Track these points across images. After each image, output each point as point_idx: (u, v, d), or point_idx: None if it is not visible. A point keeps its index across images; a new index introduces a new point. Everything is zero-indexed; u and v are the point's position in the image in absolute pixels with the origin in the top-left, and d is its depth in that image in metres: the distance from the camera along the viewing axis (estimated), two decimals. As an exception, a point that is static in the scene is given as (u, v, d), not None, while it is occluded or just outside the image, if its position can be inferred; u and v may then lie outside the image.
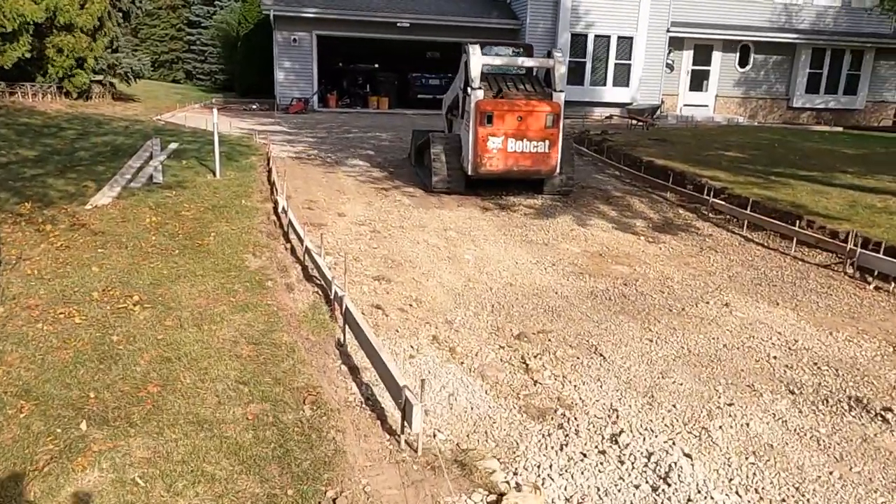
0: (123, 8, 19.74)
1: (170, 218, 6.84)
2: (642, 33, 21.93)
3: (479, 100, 9.36)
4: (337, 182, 10.61)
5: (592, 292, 6.46)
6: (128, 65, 19.93)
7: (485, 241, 8.02)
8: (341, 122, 19.09)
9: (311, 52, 21.78)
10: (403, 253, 7.30)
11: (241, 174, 9.46)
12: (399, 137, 16.29)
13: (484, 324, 5.54)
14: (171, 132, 13.88)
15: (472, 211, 9.37)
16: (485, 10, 22.73)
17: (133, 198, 7.63)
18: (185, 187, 8.38)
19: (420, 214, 8.97)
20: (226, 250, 5.87)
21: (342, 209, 8.86)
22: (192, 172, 9.32)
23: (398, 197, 9.86)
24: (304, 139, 15.05)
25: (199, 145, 12.10)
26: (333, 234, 7.70)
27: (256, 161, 10.84)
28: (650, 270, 7.24)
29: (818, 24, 24.19)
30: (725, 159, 13.13)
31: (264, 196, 8.59)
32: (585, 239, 8.34)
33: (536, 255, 7.58)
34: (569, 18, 21.38)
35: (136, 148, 11.26)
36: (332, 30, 21.63)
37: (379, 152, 13.96)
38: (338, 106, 23.02)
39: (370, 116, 21.48)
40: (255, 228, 6.68)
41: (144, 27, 42.43)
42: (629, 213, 9.71)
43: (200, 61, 41.17)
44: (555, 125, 9.53)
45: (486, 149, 9.40)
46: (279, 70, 21.83)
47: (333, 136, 16.06)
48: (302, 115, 20.57)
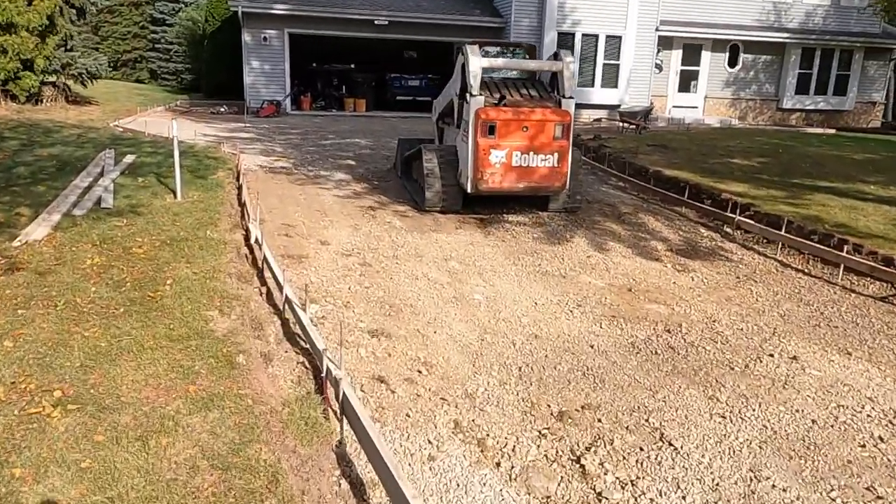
0: (77, 4, 18.19)
1: (117, 258, 5.58)
2: (631, 32, 21.03)
3: (479, 107, 8.23)
4: (317, 200, 9.39)
5: (633, 344, 5.38)
6: (83, 65, 18.38)
7: (493, 273, 6.90)
8: (316, 127, 17.81)
9: (283, 51, 20.45)
10: (401, 293, 6.14)
11: (207, 194, 8.20)
12: (380, 144, 15.10)
13: (513, 396, 4.42)
14: (129, 141, 12.51)
15: (473, 234, 8.24)
16: (466, 8, 21.62)
17: (74, 229, 6.34)
18: (140, 213, 7.10)
19: (415, 240, 7.82)
20: (185, 306, 4.65)
21: (325, 235, 7.67)
22: (148, 193, 8.04)
23: (387, 217, 8.69)
24: (277, 147, 13.77)
25: (160, 158, 10.77)
26: (317, 270, 6.51)
27: (224, 177, 9.56)
28: (691, 310, 6.19)
29: (807, 23, 23.56)
30: (735, 168, 12.20)
31: (233, 222, 7.36)
32: (607, 268, 7.27)
33: (556, 291, 6.49)
34: (555, 16, 20.37)
35: (86, 161, 9.91)
36: (306, 28, 20.32)
37: (360, 162, 12.76)
38: (312, 109, 21.72)
39: (347, 120, 20.22)
40: (222, 270, 5.46)
41: (105, 24, 40.50)
42: (646, 234, 8.67)
43: (165, 60, 39.37)
44: (564, 136, 8.45)
45: (488, 163, 8.28)
46: (249, 71, 20.45)
47: (309, 142, 14.80)
48: (274, 119, 19.24)
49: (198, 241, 6.18)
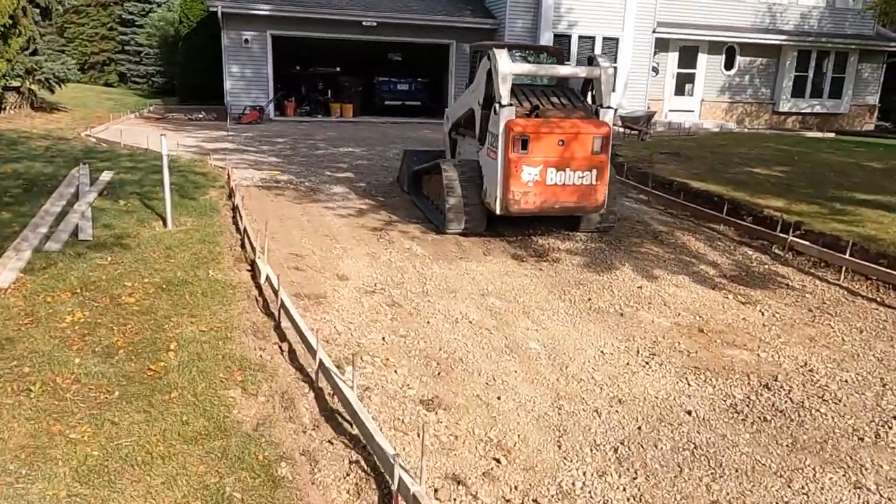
0: (42, 4, 16.88)
1: (104, 311, 4.55)
2: (629, 34, 20.34)
3: (510, 119, 7.32)
4: (322, 221, 8.40)
5: (734, 407, 4.51)
6: (50, 70, 17.06)
7: (541, 312, 5.99)
8: (304, 134, 16.75)
9: (266, 54, 19.35)
10: (444, 342, 5.20)
11: (201, 220, 7.17)
12: (376, 153, 14.12)
13: (621, 494, 3.51)
14: (104, 154, 11.35)
15: (504, 262, 7.32)
16: (456, 9, 20.73)
17: (49, 271, 5.28)
18: (126, 246, 6.05)
19: (443, 271, 6.87)
20: (197, 383, 3.66)
21: (341, 268, 6.68)
22: (133, 220, 6.98)
23: (405, 242, 7.73)
24: (267, 159, 12.70)
25: (141, 173, 9.67)
26: (340, 314, 5.53)
27: (217, 197, 8.52)
28: (779, 356, 5.35)
29: (803, 25, 23.14)
30: (761, 179, 11.47)
31: (236, 255, 6.33)
32: (664, 302, 6.40)
33: (619, 334, 5.60)
34: (551, 17, 19.58)
35: (57, 180, 8.78)
36: (290, 29, 19.25)
37: (359, 174, 11.77)
38: (296, 114, 20.63)
39: (334, 126, 19.18)
40: (235, 326, 4.47)
41: (71, 26, 38.78)
42: (692, 258, 7.84)
43: (136, 63, 37.83)
44: (603, 150, 7.58)
45: (520, 181, 7.37)
46: (229, 75, 19.30)
47: (300, 152, 13.75)
48: (258, 127, 18.11)
49: (200, 285, 5.16)
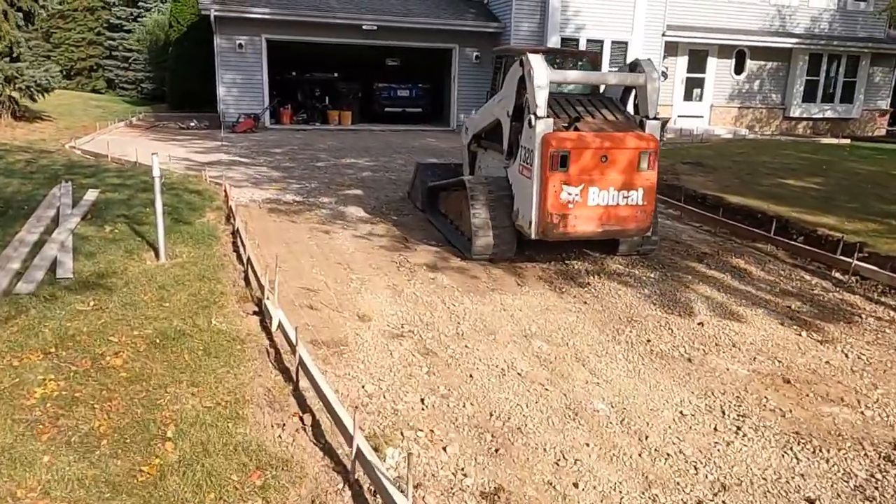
0: (24, 7, 15.93)
1: (83, 379, 3.68)
2: (638, 37, 19.60)
3: (547, 133, 6.50)
4: (332, 246, 7.54)
5: (861, 491, 3.69)
6: (32, 77, 16.10)
7: (597, 359, 5.15)
8: (302, 144, 15.88)
9: (261, 59, 18.47)
10: (494, 404, 4.35)
11: (198, 249, 6.29)
12: (380, 164, 13.28)
13: None
14: (90, 169, 10.44)
15: (542, 293, 6.48)
16: (458, 12, 19.94)
17: (18, 321, 4.40)
18: (112, 286, 5.18)
19: (476, 306, 6.03)
20: (205, 492, 2.79)
21: (361, 304, 5.82)
22: (120, 250, 6.10)
23: (428, 271, 6.88)
24: (265, 172, 11.83)
25: (130, 191, 8.78)
26: (367, 367, 4.68)
27: (215, 219, 7.65)
28: (887, 415, 4.54)
29: (813, 28, 22.48)
30: (798, 192, 10.71)
31: (240, 293, 5.47)
32: (733, 343, 5.58)
33: (695, 388, 4.77)
34: (558, 20, 18.82)
35: (36, 201, 7.89)
36: (286, 33, 18.38)
37: (366, 188, 10.93)
38: (292, 122, 19.76)
39: (333, 135, 18.32)
40: (247, 398, 3.61)
41: (57, 31, 37.75)
42: (746, 284, 7.03)
43: (124, 69, 36.85)
44: (651, 167, 6.77)
45: (559, 203, 6.54)
46: (222, 82, 18.41)
47: (301, 165, 12.89)
48: (253, 136, 17.23)
49: (200, 338, 4.29)
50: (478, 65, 20.14)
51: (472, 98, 20.38)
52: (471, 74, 20.20)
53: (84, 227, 6.85)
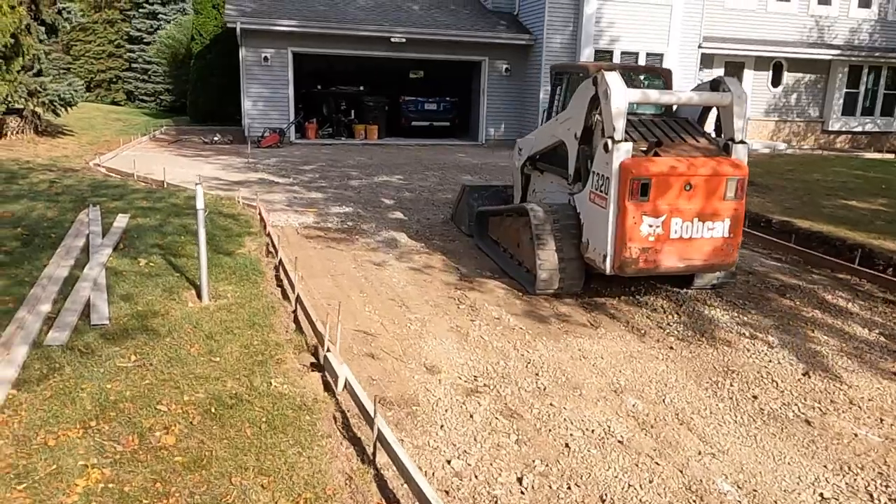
0: (48, 20, 15.57)
1: (131, 463, 3.09)
2: (674, 49, 18.98)
3: (627, 159, 5.88)
4: (381, 278, 6.95)
5: None
6: (55, 91, 15.71)
7: (703, 420, 4.51)
8: (331, 160, 15.36)
9: (287, 72, 18.02)
10: (603, 484, 3.71)
11: (243, 287, 5.72)
12: (415, 183, 12.71)
13: None
14: (116, 190, 9.94)
15: (622, 336, 5.84)
16: (489, 24, 19.41)
17: (52, 382, 3.83)
18: (154, 333, 4.60)
19: (551, 353, 5.40)
20: None
21: (425, 352, 5.21)
22: (158, 288, 5.53)
23: (490, 308, 6.27)
24: (297, 191, 11.29)
25: (161, 216, 8.24)
26: (447, 436, 4.06)
27: (255, 249, 7.09)
28: None
29: (853, 39, 21.77)
30: (867, 215, 10.01)
31: (295, 342, 4.87)
32: (849, 399, 4.92)
33: (826, 459, 4.11)
34: (592, 32, 18.24)
35: (63, 227, 7.36)
36: (313, 46, 17.93)
37: (404, 209, 10.36)
38: (317, 137, 19.29)
39: (360, 150, 17.80)
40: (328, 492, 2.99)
41: (77, 43, 37.71)
42: (841, 322, 6.35)
43: (143, 81, 36.76)
44: (738, 195, 6.13)
45: (639, 235, 5.92)
46: (247, 95, 17.96)
47: (333, 183, 12.34)
48: (278, 151, 16.75)
49: (262, 405, 3.70)
50: (507, 77, 19.61)
51: (502, 112, 19.85)
52: (500, 87, 19.67)
53: (116, 258, 6.30)
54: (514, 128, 19.95)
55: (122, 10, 38.00)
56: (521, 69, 19.50)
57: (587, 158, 6.53)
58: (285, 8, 18.07)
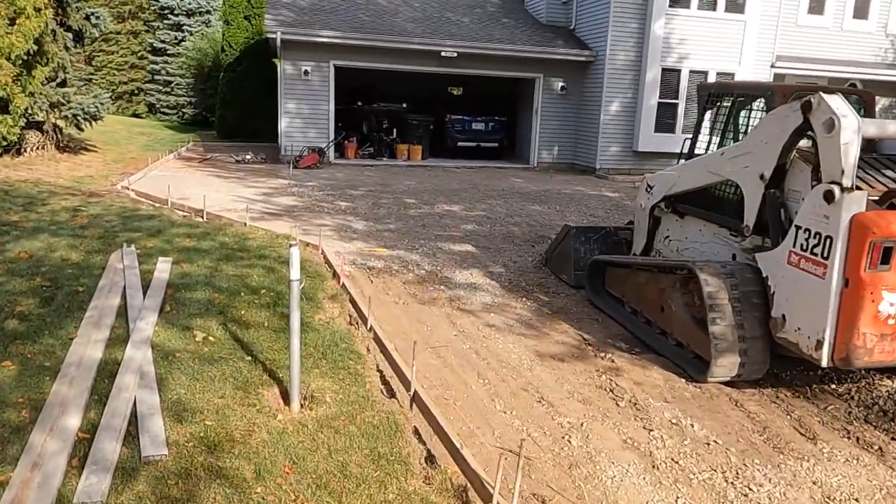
0: (75, 26, 14.28)
1: None
2: (746, 68, 17.47)
3: (862, 213, 4.32)
4: (496, 352, 5.40)
5: None
6: (79, 104, 14.38)
7: None
8: (378, 184, 13.89)
9: (328, 87, 16.65)
10: None
11: (342, 384, 4.20)
12: (481, 213, 11.20)
13: None
14: (151, 222, 8.48)
15: (859, 459, 4.24)
16: (544, 39, 17.99)
17: None
18: (233, 478, 3.06)
19: (781, 490, 3.81)
20: None
21: (609, 490, 3.64)
22: (227, 384, 4.01)
23: (661, 408, 4.69)
24: (355, 225, 9.79)
25: (209, 260, 6.74)
26: None
27: (337, 314, 5.56)
28: None
29: (931, 60, 20.19)
30: None
31: (435, 481, 3.32)
32: None
33: None
34: (659, 48, 16.77)
35: (91, 275, 5.88)
36: (356, 60, 16.56)
37: (480, 247, 8.86)
38: (357, 156, 17.88)
39: (406, 172, 16.34)
40: None
41: (100, 54, 36.77)
42: None
43: (165, 93, 35.63)
44: None
45: (875, 317, 4.34)
46: (285, 111, 16.58)
47: (390, 213, 10.86)
48: (318, 172, 15.32)
49: None
50: (562, 97, 18.14)
51: (556, 134, 18.38)
52: (555, 107, 18.20)
53: (163, 328, 4.79)
54: (569, 151, 18.48)
55: (147, 20, 37.05)
56: (579, 88, 18.04)
57: (779, 207, 4.98)
58: (328, 18, 16.74)
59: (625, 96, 17.15)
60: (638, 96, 17.10)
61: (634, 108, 17.22)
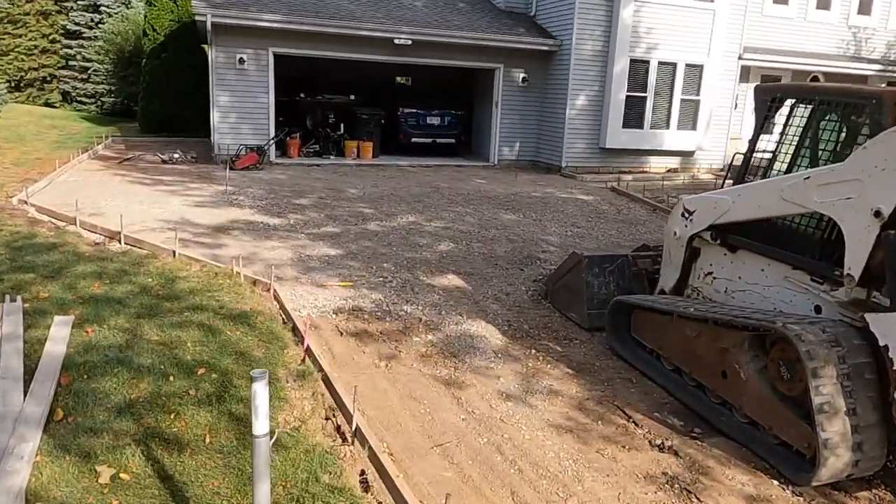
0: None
1: None
2: (715, 59, 16.63)
3: None
4: (525, 448, 4.03)
5: None
6: (-32, 97, 12.09)
7: None
8: (329, 189, 12.24)
9: (267, 78, 14.80)
10: None
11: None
12: (453, 227, 9.75)
13: None
14: (50, 254, 6.66)
15: None
16: (505, 26, 16.62)
17: None
18: None
19: None
20: None
21: None
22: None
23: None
24: (311, 246, 8.19)
25: (125, 318, 5.06)
26: None
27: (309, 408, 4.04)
28: None
29: (889, 53, 19.94)
30: None
31: None
32: None
33: None
34: (628, 38, 15.68)
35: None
36: (299, 47, 14.77)
37: (466, 276, 7.46)
38: (301, 155, 16.10)
39: (357, 172, 14.71)
40: None
41: (6, 37, 33.20)
42: None
43: (82, 81, 32.49)
44: None
45: None
46: (217, 105, 14.64)
47: (346, 226, 9.30)
48: (259, 175, 13.53)
49: None
50: (524, 89, 16.82)
51: (518, 128, 17.07)
52: (516, 100, 16.87)
53: (51, 462, 3.16)
54: (532, 147, 17.22)
55: (59, 0, 33.72)
56: (542, 79, 16.76)
57: (902, 254, 3.78)
58: (266, 0, 14.86)
59: (591, 89, 15.99)
60: (605, 89, 15.96)
61: (602, 101, 16.09)
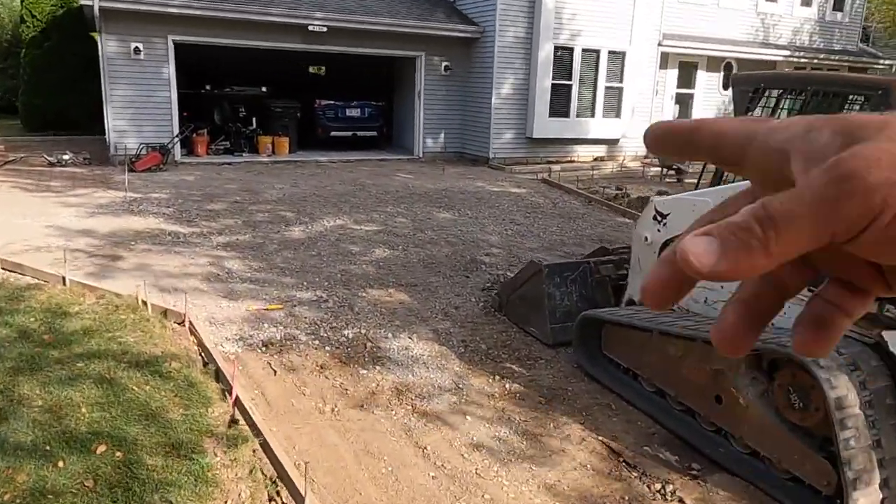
0: None
1: None
2: (636, 46, 16.52)
3: None
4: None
5: None
6: None
7: None
8: (244, 191, 11.17)
9: (167, 69, 13.44)
10: None
11: None
12: (386, 230, 8.97)
13: None
14: None
15: None
16: (425, 12, 15.86)
17: None
18: None
19: None
20: None
21: None
22: None
23: None
24: (224, 257, 7.22)
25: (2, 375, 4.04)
26: None
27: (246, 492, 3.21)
28: None
29: (795, 40, 20.60)
30: None
31: None
32: None
33: None
34: (551, 25, 15.29)
35: None
36: (201, 35, 13.49)
37: (409, 289, 6.74)
38: (210, 153, 14.83)
39: (273, 171, 13.62)
40: None
41: None
42: None
43: (-47, 74, 29.20)
44: None
45: None
46: (111, 100, 13.16)
47: (267, 234, 8.36)
48: (162, 175, 12.26)
49: None
50: (447, 78, 16.15)
51: (442, 119, 16.40)
52: (439, 89, 16.18)
53: None
54: (457, 138, 16.59)
55: (-81, -17, 30.09)
56: (465, 67, 16.13)
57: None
58: (161, -18, 13.44)
59: (516, 77, 15.51)
60: (531, 77, 15.53)
61: (527, 90, 15.64)
